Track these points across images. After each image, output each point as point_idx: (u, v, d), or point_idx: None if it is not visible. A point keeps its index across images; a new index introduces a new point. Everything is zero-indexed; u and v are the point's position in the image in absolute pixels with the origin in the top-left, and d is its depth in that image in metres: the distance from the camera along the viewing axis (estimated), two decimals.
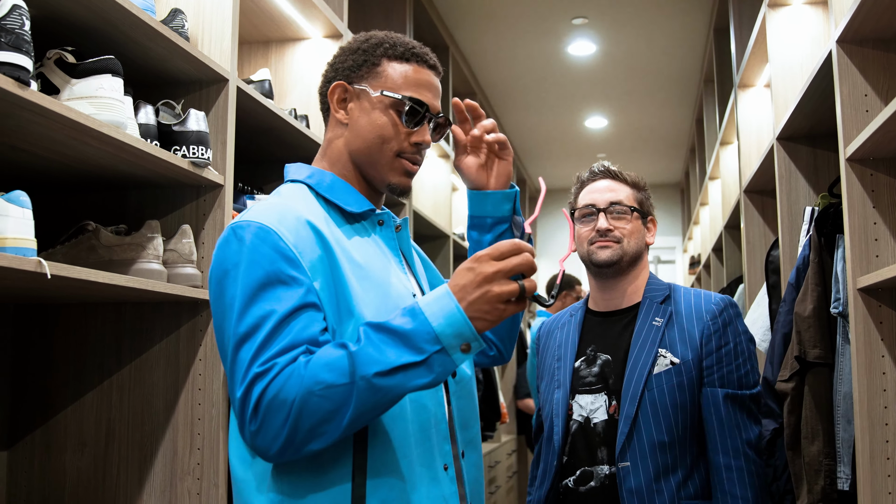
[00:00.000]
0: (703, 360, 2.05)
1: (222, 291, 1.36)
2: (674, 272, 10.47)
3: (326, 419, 1.25)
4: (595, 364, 2.16)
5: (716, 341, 2.06)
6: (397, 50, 1.57)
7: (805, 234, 2.66)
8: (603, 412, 2.08)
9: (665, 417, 2.01)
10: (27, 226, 1.57)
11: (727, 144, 4.83)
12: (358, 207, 1.54)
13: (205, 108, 2.27)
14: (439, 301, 1.27)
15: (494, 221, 1.71)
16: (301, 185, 1.57)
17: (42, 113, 1.59)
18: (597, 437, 2.08)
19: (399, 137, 1.54)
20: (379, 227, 1.60)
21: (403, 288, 1.52)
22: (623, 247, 2.15)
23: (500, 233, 1.71)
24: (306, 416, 1.25)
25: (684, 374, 2.04)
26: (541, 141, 8.24)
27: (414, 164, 1.57)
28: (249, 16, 2.94)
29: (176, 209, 2.25)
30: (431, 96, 1.57)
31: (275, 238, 1.36)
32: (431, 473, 1.43)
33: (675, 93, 6.73)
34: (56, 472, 2.20)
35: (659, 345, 2.06)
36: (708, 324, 2.08)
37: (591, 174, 2.28)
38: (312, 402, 1.24)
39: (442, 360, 1.26)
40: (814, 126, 2.81)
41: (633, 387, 2.02)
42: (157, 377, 2.19)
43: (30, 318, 2.26)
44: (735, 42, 4.04)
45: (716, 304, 2.11)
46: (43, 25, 1.90)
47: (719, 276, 5.42)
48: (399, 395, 1.27)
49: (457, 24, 5.40)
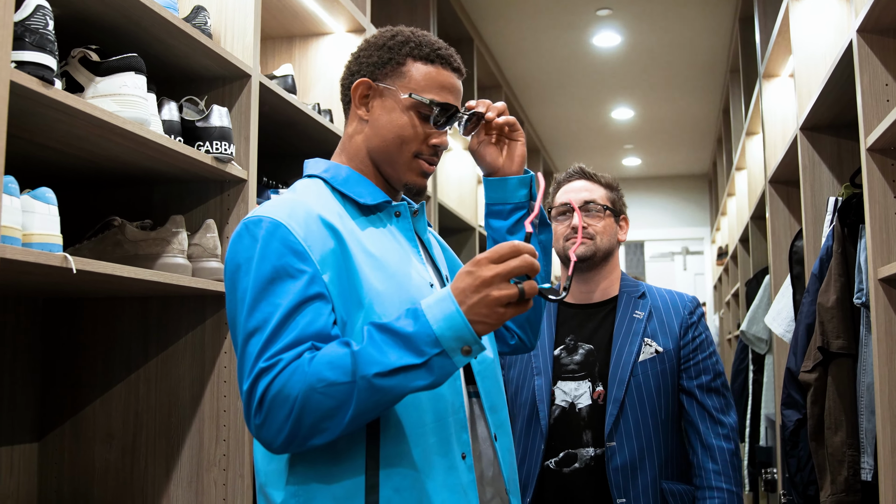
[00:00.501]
0: (681, 349, 2.27)
1: (235, 286, 1.39)
2: (702, 263, 10.44)
3: (328, 416, 1.28)
4: (576, 353, 2.30)
5: (692, 333, 2.29)
6: (423, 50, 1.57)
7: (828, 225, 2.65)
8: (587, 397, 2.23)
9: (650, 401, 2.20)
10: (53, 222, 1.61)
11: (753, 135, 4.80)
12: (372, 199, 1.56)
13: (228, 103, 2.30)
14: (441, 304, 1.28)
15: (513, 207, 1.71)
16: (317, 179, 1.58)
17: (66, 111, 1.62)
18: (581, 420, 2.22)
19: (418, 139, 1.55)
20: (396, 218, 1.60)
21: (420, 278, 1.53)
22: (596, 243, 2.31)
23: (518, 219, 1.71)
24: (308, 412, 1.27)
25: (667, 361, 2.25)
26: (567, 133, 8.23)
27: (431, 164, 1.59)
28: (273, 11, 2.96)
29: (200, 204, 2.28)
30: (453, 99, 1.58)
31: (284, 232, 1.38)
32: (448, 462, 1.44)
33: (702, 83, 6.69)
34: (85, 464, 2.24)
35: (643, 335, 2.25)
36: (685, 317, 2.30)
37: (567, 175, 2.42)
38: (315, 399, 1.27)
39: (442, 362, 1.27)
40: (837, 116, 2.79)
41: (621, 373, 2.20)
42: (184, 370, 2.23)
43: (58, 312, 2.30)
44: (759, 32, 4.01)
45: (690, 300, 2.36)
46: (68, 24, 1.94)
47: (746, 266, 5.40)
48: (400, 396, 1.29)
49: (481, 16, 5.41)
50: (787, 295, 3.14)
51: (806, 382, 2.50)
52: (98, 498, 2.22)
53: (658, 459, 2.18)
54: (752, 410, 4.51)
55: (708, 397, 2.25)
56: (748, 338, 4.31)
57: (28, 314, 2.26)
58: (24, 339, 2.25)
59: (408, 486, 1.39)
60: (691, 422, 2.24)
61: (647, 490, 2.14)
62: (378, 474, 1.38)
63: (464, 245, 5.18)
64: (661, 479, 2.17)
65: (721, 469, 2.18)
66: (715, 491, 2.17)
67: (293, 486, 1.40)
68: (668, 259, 11.28)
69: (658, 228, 10.16)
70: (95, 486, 2.23)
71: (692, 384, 2.26)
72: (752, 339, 4.28)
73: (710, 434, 2.21)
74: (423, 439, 1.42)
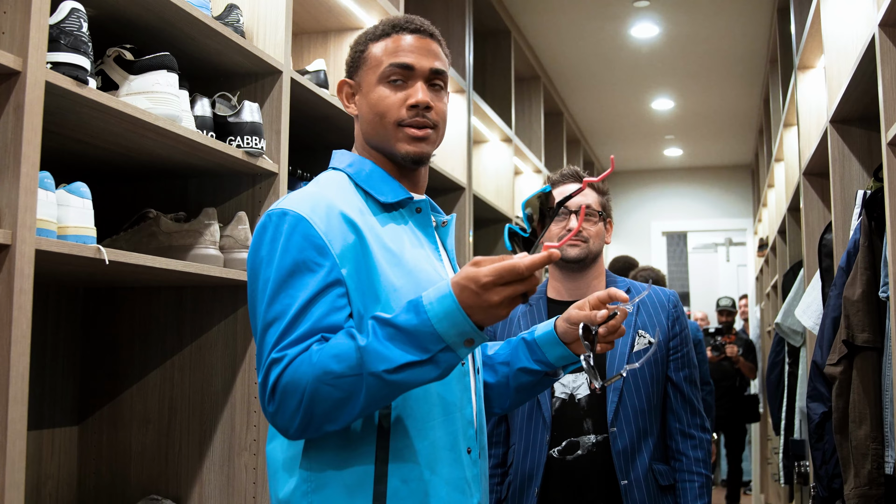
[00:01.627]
0: (670, 340, 2.41)
1: (256, 276, 1.44)
2: (744, 254, 10.35)
3: (339, 406, 1.32)
4: None
5: (678, 326, 2.43)
6: (378, 30, 1.62)
7: (857, 218, 2.65)
8: (585, 388, 2.35)
9: (645, 388, 2.34)
10: (87, 215, 1.68)
11: (790, 126, 4.77)
12: (393, 197, 1.58)
13: (260, 99, 2.36)
14: (442, 301, 1.30)
15: (546, 370, 1.69)
16: (340, 173, 1.62)
17: (100, 109, 1.70)
18: (581, 410, 2.33)
19: (394, 107, 1.57)
20: (417, 214, 1.63)
21: (438, 275, 1.56)
22: (589, 246, 2.41)
23: (538, 381, 1.71)
24: (318, 402, 1.32)
25: (658, 351, 2.39)
26: (608, 124, 8.21)
27: (418, 128, 1.58)
28: (308, 7, 3.02)
29: (232, 197, 2.35)
30: (416, 56, 1.58)
31: (306, 226, 1.42)
32: (454, 456, 1.48)
33: (742, 73, 6.64)
34: (122, 447, 2.33)
35: (635, 327, 2.37)
36: (671, 311, 2.43)
37: (562, 177, 2.48)
38: (323, 391, 1.32)
39: (447, 356, 1.31)
40: (866, 108, 2.78)
41: (618, 363, 2.33)
42: (216, 357, 2.30)
43: (97, 301, 2.39)
44: (794, 23, 3.99)
45: (672, 295, 2.48)
46: (103, 24, 2.01)
47: (784, 258, 5.37)
48: (411, 387, 1.34)
49: (518, 8, 5.42)
50: (816, 288, 3.14)
51: (831, 376, 2.51)
52: (134, 480, 2.31)
53: (652, 442, 2.33)
54: (788, 403, 4.50)
55: (691, 390, 2.41)
56: (783, 330, 4.30)
57: (69, 304, 2.35)
58: (65, 328, 2.34)
59: (415, 477, 1.44)
60: (674, 411, 2.39)
61: (644, 471, 2.29)
62: (387, 465, 1.43)
63: (499, 237, 5.20)
64: (653, 461, 2.32)
65: (701, 456, 2.37)
66: (696, 475, 2.35)
67: (305, 471, 1.45)
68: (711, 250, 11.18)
69: (701, 219, 10.09)
70: (132, 468, 2.31)
71: (679, 375, 2.40)
72: (787, 332, 4.27)
73: (692, 424, 2.39)
74: (431, 433, 1.47)
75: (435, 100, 1.59)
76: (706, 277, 10.88)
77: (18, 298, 1.45)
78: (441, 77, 1.61)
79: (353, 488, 1.42)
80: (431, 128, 1.59)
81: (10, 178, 1.47)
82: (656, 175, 10.13)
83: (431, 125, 1.59)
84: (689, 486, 2.34)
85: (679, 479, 2.35)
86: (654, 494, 2.29)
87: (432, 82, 1.60)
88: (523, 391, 1.72)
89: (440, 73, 1.60)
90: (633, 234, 9.94)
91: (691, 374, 2.42)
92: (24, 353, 1.46)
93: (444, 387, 1.50)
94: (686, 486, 2.34)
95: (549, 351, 1.66)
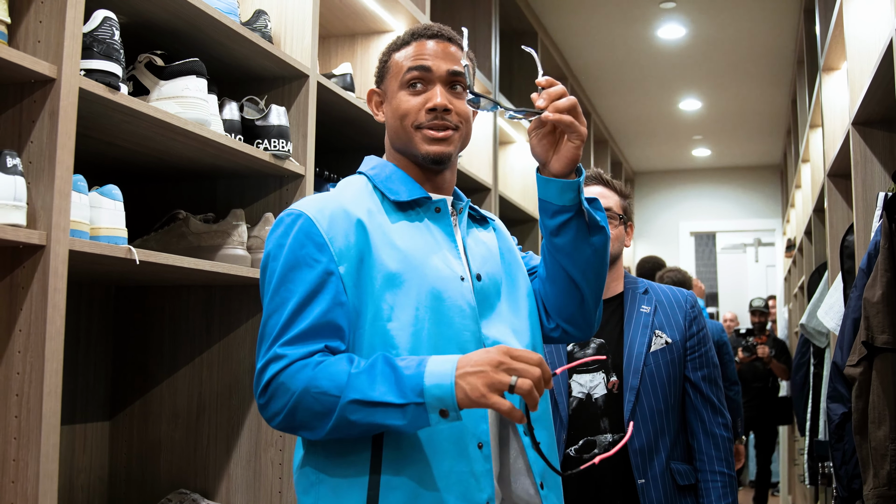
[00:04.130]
0: (687, 340, 2.43)
1: (265, 271, 1.53)
2: (773, 254, 10.30)
3: (315, 418, 1.40)
4: (588, 346, 2.44)
5: (696, 326, 2.45)
6: (400, 40, 1.68)
7: (878, 220, 2.66)
8: (602, 388, 2.37)
9: (662, 388, 2.36)
10: (118, 217, 1.74)
11: (816, 127, 4.76)
12: (407, 196, 1.62)
13: (287, 102, 2.42)
14: (444, 364, 1.36)
15: (557, 210, 1.59)
16: (362, 176, 1.68)
17: (131, 113, 1.76)
18: (598, 409, 2.35)
19: (414, 110, 1.62)
20: (436, 213, 1.65)
21: (449, 269, 1.58)
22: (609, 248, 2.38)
23: (563, 221, 1.60)
24: (301, 409, 1.40)
25: (675, 352, 2.41)
26: (635, 124, 8.20)
27: (437, 130, 1.61)
28: (335, 11, 3.07)
29: (260, 198, 2.41)
30: (434, 60, 1.62)
31: (308, 224, 1.50)
32: (458, 450, 1.49)
33: (769, 74, 6.63)
34: (152, 441, 2.39)
35: (652, 327, 2.40)
36: (688, 311, 2.46)
37: (586, 179, 2.44)
38: (307, 400, 1.39)
39: (417, 412, 1.36)
40: (889, 110, 2.79)
41: (635, 363, 2.35)
42: (244, 355, 2.35)
43: (129, 299, 2.45)
44: (819, 24, 3.99)
45: (690, 295, 2.50)
46: (135, 31, 2.07)
47: (810, 259, 5.36)
48: (370, 426, 1.38)
49: (544, 9, 5.45)
50: (838, 289, 3.14)
51: (851, 377, 2.52)
52: (163, 473, 2.37)
53: (669, 442, 2.35)
54: (813, 404, 4.49)
55: (711, 389, 2.43)
56: (808, 331, 4.29)
57: (101, 301, 2.42)
58: (97, 325, 2.40)
59: (407, 465, 1.47)
60: (696, 410, 2.42)
61: (661, 470, 2.32)
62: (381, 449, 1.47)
63: (527, 236, 5.22)
64: (670, 460, 2.34)
65: (723, 456, 2.39)
66: (717, 475, 2.37)
67: (310, 444, 1.53)
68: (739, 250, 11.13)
69: (729, 220, 10.05)
70: (161, 462, 2.38)
71: (697, 375, 2.42)
72: (812, 333, 4.26)
73: (713, 423, 2.40)
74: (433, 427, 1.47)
75: (455, 101, 1.62)
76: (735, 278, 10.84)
77: (53, 297, 1.52)
78: (460, 78, 1.63)
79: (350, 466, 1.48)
80: (453, 129, 1.63)
81: (45, 181, 1.53)
82: (684, 175, 10.10)
83: (453, 126, 1.62)
84: (712, 486, 2.36)
85: (702, 478, 2.37)
86: (671, 494, 2.31)
87: (452, 84, 1.63)
88: (565, 246, 1.62)
89: (458, 74, 1.63)
90: (661, 235, 9.93)
91: (710, 373, 2.44)
92: (58, 349, 1.52)
93: None
94: (709, 486, 2.36)
95: (550, 194, 1.60)
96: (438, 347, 1.51)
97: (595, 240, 1.63)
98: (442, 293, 1.54)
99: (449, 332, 1.53)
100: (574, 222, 1.60)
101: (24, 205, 1.49)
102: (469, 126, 1.67)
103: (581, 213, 1.60)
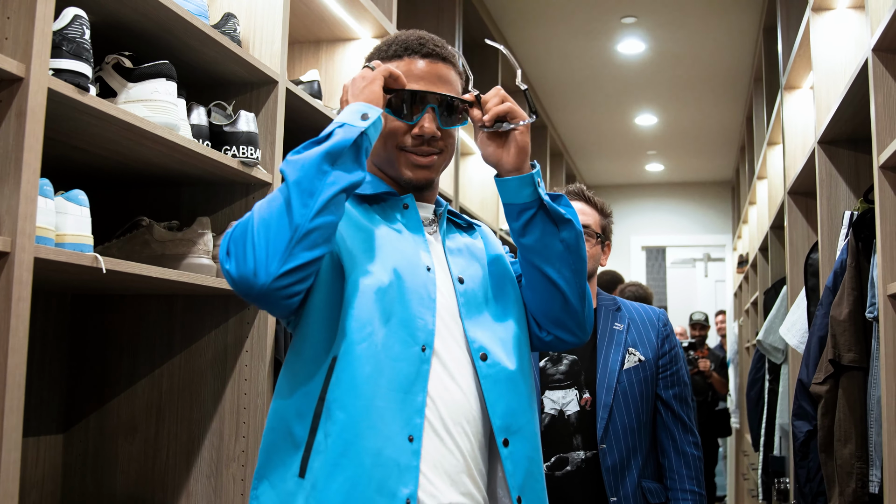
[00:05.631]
0: (659, 358, 2.44)
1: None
2: (723, 270, 10.41)
3: (277, 220, 1.36)
4: (561, 363, 2.43)
5: (668, 344, 2.47)
6: (390, 50, 1.62)
7: (843, 238, 2.68)
8: (575, 404, 2.36)
9: (634, 406, 2.36)
10: (85, 223, 1.67)
11: (774, 144, 4.82)
12: (372, 189, 1.60)
13: (255, 108, 2.36)
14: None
15: (519, 209, 1.58)
16: None
17: (99, 116, 1.69)
18: (571, 426, 2.35)
19: (398, 132, 1.58)
20: (404, 210, 1.62)
21: (415, 256, 1.56)
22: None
23: (528, 219, 1.58)
24: (260, 229, 1.35)
25: (648, 369, 2.41)
26: (591, 138, 8.25)
27: (421, 155, 1.59)
28: (300, 17, 3.02)
29: (226, 206, 2.34)
30: (426, 83, 1.58)
31: None
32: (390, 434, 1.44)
33: (726, 91, 6.70)
34: (108, 456, 2.31)
35: (625, 345, 2.40)
36: (661, 329, 2.47)
37: (567, 193, 2.48)
38: (261, 218, 1.36)
39: (343, 128, 1.42)
40: (855, 130, 2.81)
41: (608, 380, 2.35)
42: (206, 367, 2.29)
43: (86, 307, 2.37)
44: (782, 43, 4.03)
45: (661, 314, 2.52)
46: (102, 31, 2.00)
47: (765, 276, 5.41)
48: (313, 171, 1.38)
49: (507, 22, 5.45)
50: (801, 306, 3.17)
51: (817, 394, 2.53)
52: (120, 490, 2.29)
53: (641, 460, 2.36)
54: (767, 420, 4.53)
55: (681, 407, 2.44)
56: (764, 347, 4.33)
57: (57, 309, 2.33)
58: (52, 334, 2.32)
59: (337, 431, 1.42)
60: (667, 428, 2.43)
61: (633, 488, 2.31)
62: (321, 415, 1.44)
63: None
64: (642, 478, 2.35)
65: (694, 474, 2.40)
66: (689, 493, 2.38)
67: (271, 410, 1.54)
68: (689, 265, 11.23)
69: (680, 234, 10.15)
70: (118, 476, 2.30)
71: (669, 393, 2.44)
72: (768, 349, 4.30)
73: (684, 442, 2.42)
74: (368, 400, 1.43)
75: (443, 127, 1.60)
76: (684, 292, 10.93)
77: (16, 307, 1.44)
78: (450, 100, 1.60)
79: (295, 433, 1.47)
80: (438, 153, 1.60)
81: (10, 185, 1.46)
82: (637, 190, 10.19)
83: (437, 152, 1.60)
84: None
85: (672, 497, 2.37)
86: None
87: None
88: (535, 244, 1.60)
89: (450, 97, 1.59)
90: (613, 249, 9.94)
91: (681, 391, 2.44)
92: (21, 362, 1.45)
93: (394, 362, 1.47)
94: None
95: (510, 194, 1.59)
96: (391, 324, 1.48)
97: (565, 234, 1.59)
98: (404, 276, 1.51)
99: (403, 315, 1.49)
100: (538, 218, 1.58)
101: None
102: (453, 142, 1.65)
103: (543, 206, 1.58)
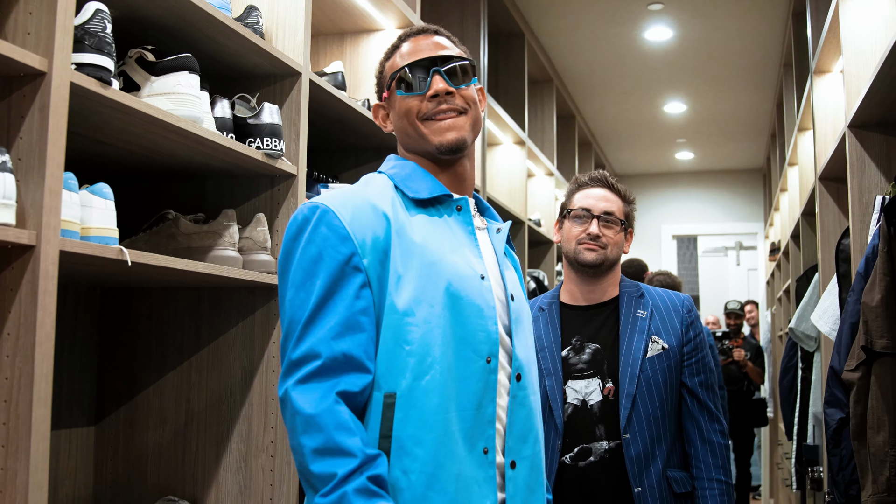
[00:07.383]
0: (684, 346, 2.39)
1: (286, 264, 1.50)
2: (755, 258, 10.33)
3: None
4: (584, 352, 2.40)
5: (693, 331, 2.42)
6: (388, 50, 1.71)
7: (875, 224, 2.64)
8: (598, 394, 2.34)
9: (658, 394, 2.33)
10: (110, 216, 1.68)
11: (805, 130, 4.75)
12: (428, 193, 1.61)
13: (279, 101, 2.36)
14: None
15: None
16: (383, 175, 1.67)
17: (123, 110, 1.70)
18: (594, 416, 2.32)
19: (416, 105, 1.62)
20: (457, 212, 1.65)
21: (468, 266, 1.56)
22: (606, 252, 2.41)
23: None
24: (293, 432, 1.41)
25: (672, 357, 2.37)
26: (620, 127, 8.19)
27: (443, 115, 1.62)
28: (324, 8, 3.02)
29: (251, 198, 2.35)
30: (426, 52, 1.65)
31: (331, 217, 1.48)
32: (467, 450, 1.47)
33: (755, 78, 6.62)
34: (139, 448, 2.33)
35: (648, 332, 2.36)
36: (685, 316, 2.42)
37: (591, 179, 2.48)
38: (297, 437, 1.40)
39: None
40: (885, 113, 2.77)
41: (631, 369, 2.32)
42: (234, 359, 2.30)
43: (116, 301, 2.39)
44: (811, 27, 3.98)
45: (686, 300, 2.47)
46: (125, 25, 2.01)
47: (797, 263, 5.35)
48: None
49: (532, 11, 5.42)
50: (833, 293, 3.12)
51: (849, 381, 2.50)
52: (151, 481, 2.31)
53: (665, 449, 2.32)
54: (801, 408, 4.48)
55: (708, 395, 2.40)
56: (797, 335, 4.28)
57: (87, 304, 2.35)
58: (82, 328, 2.34)
59: (416, 469, 1.44)
60: (693, 416, 2.38)
61: (657, 478, 2.28)
62: (388, 454, 1.44)
63: (513, 238, 5.19)
64: (667, 468, 2.32)
65: (720, 463, 2.36)
66: (715, 482, 2.34)
67: None
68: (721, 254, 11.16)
69: (711, 223, 10.07)
70: (148, 469, 2.31)
71: (694, 381, 2.39)
72: (800, 337, 4.25)
73: (710, 430, 2.37)
74: (442, 426, 1.46)
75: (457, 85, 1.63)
76: (716, 281, 10.86)
77: (43, 300, 1.45)
78: (457, 62, 1.64)
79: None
80: (461, 112, 1.63)
81: (35, 179, 1.47)
82: (667, 178, 10.11)
83: (460, 110, 1.63)
84: (709, 494, 2.33)
85: (699, 486, 2.34)
86: (667, 502, 2.28)
87: (450, 73, 1.63)
88: None
89: (451, 58, 1.64)
90: (643, 238, 9.91)
91: (707, 379, 2.41)
92: (49, 355, 1.46)
93: (460, 382, 1.49)
94: (706, 494, 2.33)
95: None
96: (450, 346, 1.49)
97: None
98: (459, 291, 1.52)
99: (462, 332, 1.51)
100: None
101: (13, 203, 1.42)
102: (478, 109, 1.68)
103: None
